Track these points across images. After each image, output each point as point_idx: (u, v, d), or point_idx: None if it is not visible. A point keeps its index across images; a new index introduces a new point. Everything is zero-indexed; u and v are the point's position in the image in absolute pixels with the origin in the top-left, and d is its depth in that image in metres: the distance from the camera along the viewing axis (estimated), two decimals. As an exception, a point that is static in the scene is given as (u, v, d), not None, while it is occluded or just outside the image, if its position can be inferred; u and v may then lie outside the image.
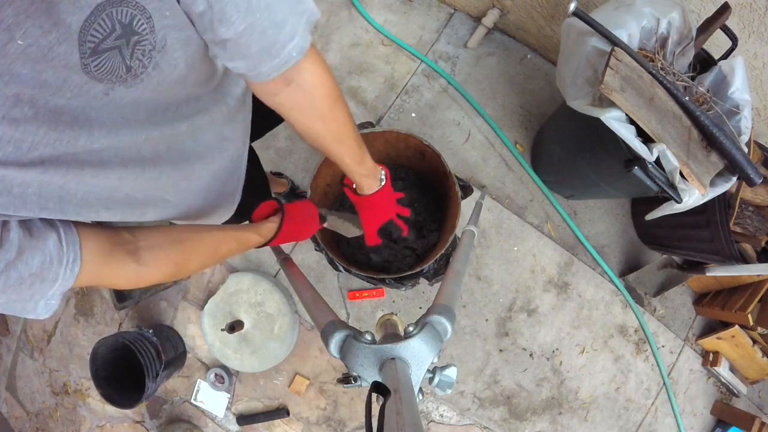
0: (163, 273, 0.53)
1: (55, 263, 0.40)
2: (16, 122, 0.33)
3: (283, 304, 1.42)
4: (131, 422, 1.60)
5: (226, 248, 0.62)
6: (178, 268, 0.55)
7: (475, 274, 1.54)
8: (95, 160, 0.42)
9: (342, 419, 1.52)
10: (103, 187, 0.44)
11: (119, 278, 0.49)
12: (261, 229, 0.69)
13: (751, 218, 1.22)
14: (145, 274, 0.51)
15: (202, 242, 0.58)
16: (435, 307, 0.49)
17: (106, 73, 0.36)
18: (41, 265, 0.39)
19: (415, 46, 1.60)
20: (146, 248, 0.51)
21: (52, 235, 0.41)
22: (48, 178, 0.38)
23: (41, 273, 0.39)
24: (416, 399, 0.39)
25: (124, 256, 0.48)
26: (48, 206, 0.39)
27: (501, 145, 1.58)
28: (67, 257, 0.41)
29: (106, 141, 0.41)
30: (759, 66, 1.12)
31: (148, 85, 0.40)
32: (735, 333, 1.48)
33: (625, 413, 1.59)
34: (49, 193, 0.39)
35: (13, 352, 1.71)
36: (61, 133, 0.37)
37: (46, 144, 0.36)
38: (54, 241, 0.40)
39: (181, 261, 0.55)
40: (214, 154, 0.62)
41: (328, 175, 1.20)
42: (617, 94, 0.86)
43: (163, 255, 0.53)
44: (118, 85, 0.38)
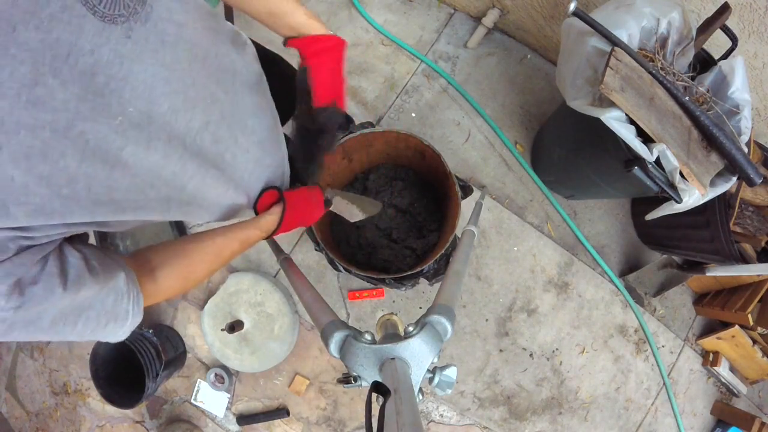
0: (174, 289, 0.55)
1: (125, 300, 0.44)
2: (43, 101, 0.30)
3: (283, 304, 1.42)
4: (131, 422, 1.60)
5: (229, 251, 0.62)
6: (186, 281, 0.56)
7: (475, 274, 1.54)
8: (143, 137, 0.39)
9: (342, 419, 1.52)
10: (146, 169, 0.41)
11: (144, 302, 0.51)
12: (261, 223, 0.67)
13: (751, 218, 1.22)
14: (159, 293, 0.52)
15: (204, 250, 0.58)
16: (435, 307, 0.49)
17: (112, 5, 0.33)
18: (113, 303, 0.42)
19: (415, 46, 1.60)
20: (158, 267, 0.52)
21: (121, 271, 0.44)
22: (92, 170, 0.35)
23: (113, 310, 0.43)
24: (416, 399, 0.39)
25: (146, 279, 0.50)
26: (100, 199, 0.37)
27: (501, 145, 1.58)
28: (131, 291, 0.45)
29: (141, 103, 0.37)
30: (759, 66, 1.12)
31: (161, 13, 0.38)
32: (735, 333, 1.48)
33: (625, 413, 1.59)
34: (98, 186, 0.37)
35: (13, 352, 1.71)
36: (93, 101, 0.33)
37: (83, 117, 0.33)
38: (121, 279, 0.43)
39: (187, 274, 0.56)
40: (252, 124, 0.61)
41: (328, 175, 1.20)
42: (617, 94, 0.86)
43: (172, 272, 0.54)
44: (134, 22, 0.35)
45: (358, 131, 1.09)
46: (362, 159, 1.29)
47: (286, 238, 1.53)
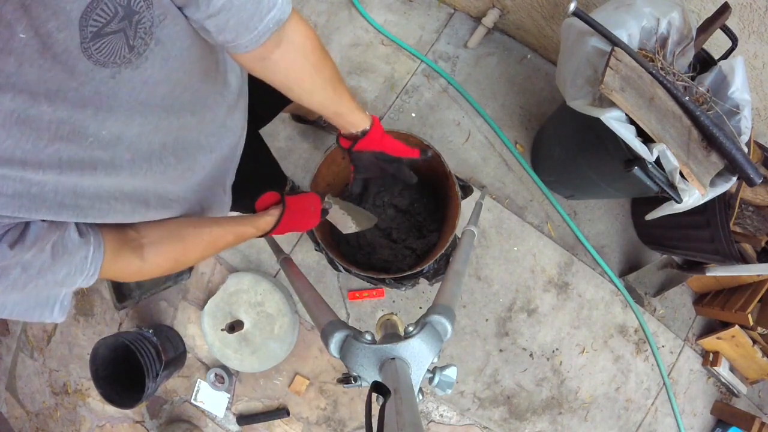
0: (163, 268, 0.56)
1: (77, 275, 0.44)
2: (32, 120, 0.34)
3: (283, 304, 1.42)
4: (131, 422, 1.60)
5: (224, 242, 0.64)
6: (176, 263, 0.57)
7: (475, 274, 1.54)
8: (107, 157, 0.43)
9: (342, 419, 1.52)
10: (113, 181, 0.46)
11: (122, 274, 0.52)
12: (258, 222, 0.70)
13: (751, 218, 1.22)
14: (145, 270, 0.53)
15: (200, 237, 0.60)
16: (435, 307, 0.49)
17: (109, 55, 0.36)
18: (65, 276, 0.43)
19: (415, 46, 1.60)
20: (149, 245, 0.53)
21: (83, 251, 0.44)
22: (64, 177, 0.39)
23: (63, 281, 0.43)
24: (416, 399, 0.39)
25: (130, 253, 0.51)
26: (65, 203, 0.41)
27: (501, 145, 1.58)
28: (88, 272, 0.45)
29: (117, 128, 0.42)
30: (759, 66, 1.12)
31: (154, 63, 0.41)
32: (735, 333, 1.48)
33: (625, 413, 1.59)
34: (65, 190, 0.40)
35: (13, 352, 1.71)
36: (74, 125, 0.37)
37: (61, 138, 0.37)
38: (81, 258, 0.44)
39: (180, 256, 0.58)
40: (214, 143, 0.64)
41: (328, 175, 1.20)
42: (617, 94, 0.86)
43: (164, 251, 0.55)
44: (125, 68, 0.38)
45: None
46: (362, 159, 1.29)
47: (286, 238, 1.53)
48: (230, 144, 0.70)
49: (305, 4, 1.61)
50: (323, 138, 1.56)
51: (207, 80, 0.55)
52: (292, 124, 1.55)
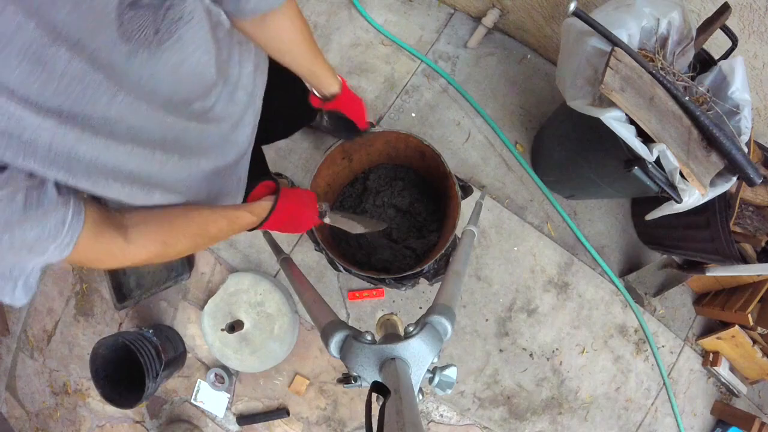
0: (150, 251, 0.52)
1: (49, 241, 0.40)
2: (47, 62, 0.33)
3: (283, 304, 1.42)
4: (131, 422, 1.60)
5: (216, 227, 0.62)
6: (165, 247, 0.54)
7: (475, 274, 1.54)
8: (107, 130, 0.41)
9: (342, 419, 1.52)
10: (111, 157, 0.43)
11: (106, 257, 0.48)
12: (254, 207, 0.69)
13: (751, 218, 1.22)
14: (131, 253, 0.50)
15: (191, 221, 0.58)
16: (435, 307, 0.49)
17: (136, 30, 0.37)
18: (35, 239, 0.38)
19: (415, 46, 1.60)
20: (134, 225, 0.50)
21: (61, 213, 0.40)
22: (62, 131, 0.37)
23: (32, 245, 0.39)
24: (416, 399, 0.39)
25: (113, 231, 0.47)
26: (57, 161, 0.38)
27: (501, 145, 1.58)
28: (63, 239, 0.41)
29: (125, 110, 0.41)
30: (759, 66, 1.12)
31: (168, 59, 0.42)
32: (735, 333, 1.48)
33: (625, 413, 1.59)
34: (60, 148, 0.38)
35: (13, 352, 1.71)
36: (85, 87, 0.36)
37: (68, 93, 0.35)
38: (57, 221, 0.40)
39: (168, 239, 0.54)
40: (216, 154, 0.63)
41: (328, 175, 1.20)
42: (617, 94, 0.86)
43: (151, 233, 0.52)
44: (143, 50, 0.39)
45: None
46: (362, 159, 1.29)
47: (286, 237, 1.53)
48: (234, 156, 0.70)
49: (305, 4, 1.61)
50: (323, 138, 1.56)
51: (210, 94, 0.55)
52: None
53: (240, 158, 0.73)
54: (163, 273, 1.51)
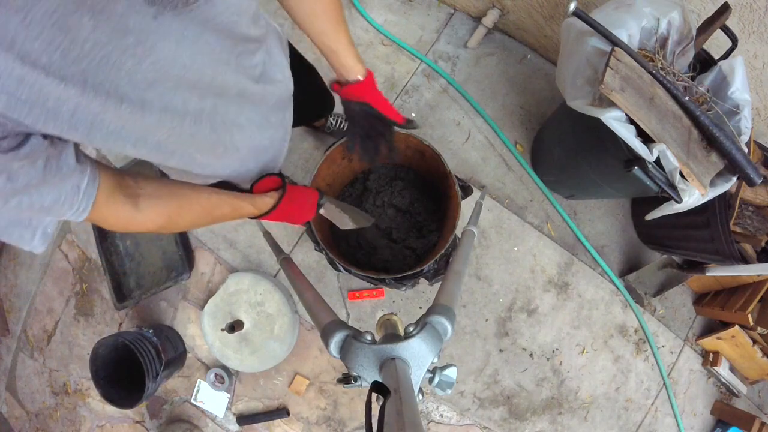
0: (155, 223, 0.54)
1: (66, 206, 0.41)
2: (69, 29, 0.32)
3: (283, 304, 1.42)
4: (131, 422, 1.60)
5: (220, 212, 0.64)
6: (170, 221, 0.56)
7: (475, 274, 1.54)
8: (136, 97, 0.41)
9: (342, 419, 1.52)
10: (138, 127, 0.44)
11: (113, 220, 0.50)
12: (257, 201, 0.70)
13: (751, 218, 1.22)
14: (138, 221, 0.52)
15: (198, 201, 0.60)
16: (435, 307, 0.49)
17: None
18: (53, 202, 0.40)
19: (415, 46, 1.60)
20: (145, 196, 0.52)
21: (77, 179, 0.42)
22: (86, 101, 0.37)
23: (50, 208, 0.40)
24: (416, 399, 0.39)
25: (124, 199, 0.49)
26: (78, 128, 0.38)
27: (501, 145, 1.58)
28: (79, 205, 0.43)
29: (151, 74, 0.40)
30: (759, 66, 1.12)
31: (197, 17, 0.41)
32: (735, 333, 1.48)
33: (625, 413, 1.59)
34: (83, 116, 0.38)
35: (13, 352, 1.71)
36: (110, 53, 0.36)
37: (92, 59, 0.35)
38: (73, 186, 0.41)
39: (174, 215, 0.56)
40: (254, 130, 0.64)
41: (328, 175, 1.20)
42: (617, 94, 0.86)
43: (160, 205, 0.54)
44: (169, 11, 0.38)
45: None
46: (362, 159, 1.29)
47: (286, 237, 1.53)
48: (272, 137, 0.70)
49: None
50: (323, 138, 1.56)
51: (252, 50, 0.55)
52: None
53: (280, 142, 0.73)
54: (163, 273, 1.51)
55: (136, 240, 1.57)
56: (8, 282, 1.75)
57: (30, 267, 1.71)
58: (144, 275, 1.54)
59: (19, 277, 1.73)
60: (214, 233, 1.55)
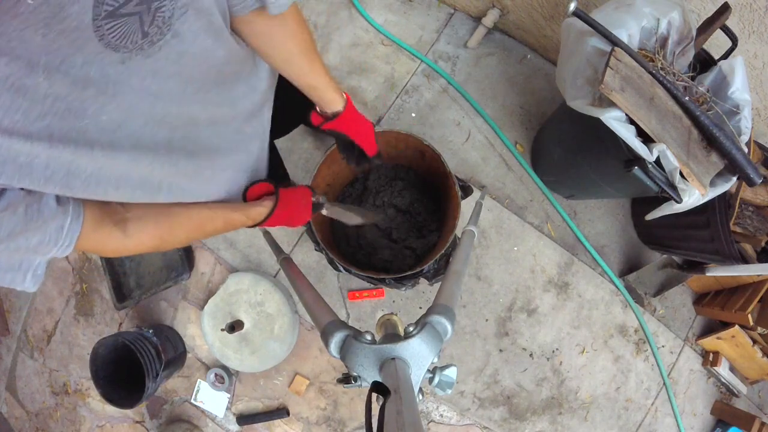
0: (147, 245, 0.54)
1: (51, 245, 0.42)
2: (26, 90, 0.33)
3: (283, 304, 1.42)
4: (131, 422, 1.60)
5: (212, 226, 0.63)
6: (161, 242, 0.56)
7: (475, 274, 1.54)
8: (105, 140, 0.41)
9: (342, 419, 1.52)
10: (115, 167, 0.44)
11: (102, 247, 0.50)
12: (250, 211, 0.69)
13: (751, 218, 1.22)
14: (127, 246, 0.52)
15: (188, 218, 0.59)
16: (435, 307, 0.49)
17: (121, 38, 0.36)
18: (38, 244, 0.41)
19: (415, 46, 1.60)
20: (133, 219, 0.52)
21: (59, 220, 0.42)
22: (57, 153, 0.37)
23: (36, 249, 0.41)
24: (416, 399, 0.39)
25: (111, 227, 0.49)
26: (54, 178, 0.39)
27: (501, 145, 1.58)
28: (63, 242, 0.43)
29: (118, 115, 0.41)
30: (759, 66, 1.12)
31: (168, 54, 0.41)
32: (735, 333, 1.48)
33: (625, 413, 1.59)
34: (58, 166, 0.38)
35: (13, 352, 1.71)
36: (71, 104, 0.36)
37: (54, 113, 0.35)
38: (57, 227, 0.42)
39: (165, 235, 0.56)
40: (232, 148, 0.63)
41: (328, 175, 1.20)
42: (617, 94, 0.86)
43: (149, 228, 0.54)
44: (136, 54, 0.38)
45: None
46: (362, 159, 1.29)
47: (286, 237, 1.53)
48: (248, 149, 0.70)
49: (305, 4, 1.61)
50: (323, 138, 1.56)
51: (224, 85, 0.55)
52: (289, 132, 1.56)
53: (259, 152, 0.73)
54: (163, 273, 1.51)
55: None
56: (8, 282, 1.75)
57: (30, 267, 1.71)
58: (144, 275, 1.54)
59: (19, 277, 1.73)
60: (214, 233, 1.55)
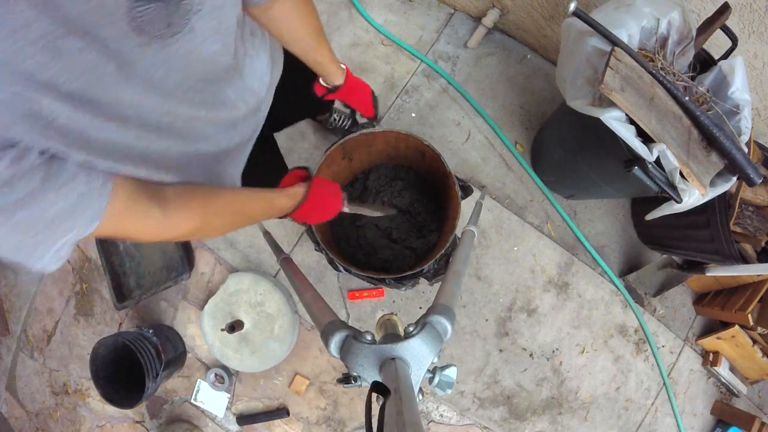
0: (188, 226, 0.52)
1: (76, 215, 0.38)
2: (62, 51, 0.34)
3: (283, 304, 1.42)
4: (131, 422, 1.60)
5: (253, 207, 0.65)
6: (203, 223, 0.54)
7: (475, 274, 1.54)
8: (118, 114, 0.42)
9: (342, 419, 1.52)
10: (122, 141, 0.44)
11: (142, 228, 0.47)
12: (289, 191, 0.73)
13: (751, 218, 1.22)
14: (169, 225, 0.49)
15: (229, 198, 0.60)
16: (435, 307, 0.49)
17: (148, 23, 0.37)
18: (59, 213, 0.37)
19: (415, 46, 1.60)
20: (173, 197, 0.50)
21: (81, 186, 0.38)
22: (78, 116, 0.38)
23: (56, 220, 0.37)
24: (416, 399, 0.39)
25: (148, 203, 0.46)
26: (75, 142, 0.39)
27: (501, 145, 1.58)
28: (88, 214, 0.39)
29: (135, 97, 0.42)
30: (759, 66, 1.12)
31: (180, 48, 0.43)
32: (735, 333, 1.48)
33: (625, 413, 1.59)
34: (74, 131, 0.38)
35: (13, 352, 1.71)
36: (99, 76, 0.37)
37: (83, 79, 0.36)
38: (79, 193, 0.38)
39: (206, 215, 0.55)
40: (221, 139, 0.64)
41: (328, 174, 1.20)
42: (617, 94, 0.86)
43: (190, 206, 0.52)
44: (155, 41, 0.39)
45: (359, 131, 1.09)
46: (362, 159, 1.29)
47: (286, 238, 1.53)
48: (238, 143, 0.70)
49: (305, 4, 1.61)
50: (323, 138, 1.56)
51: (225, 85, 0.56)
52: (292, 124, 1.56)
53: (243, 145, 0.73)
54: (163, 273, 1.51)
55: (136, 240, 1.57)
56: (8, 282, 1.75)
57: (30, 267, 1.71)
58: (144, 275, 1.54)
59: (19, 277, 1.73)
60: (214, 233, 1.55)
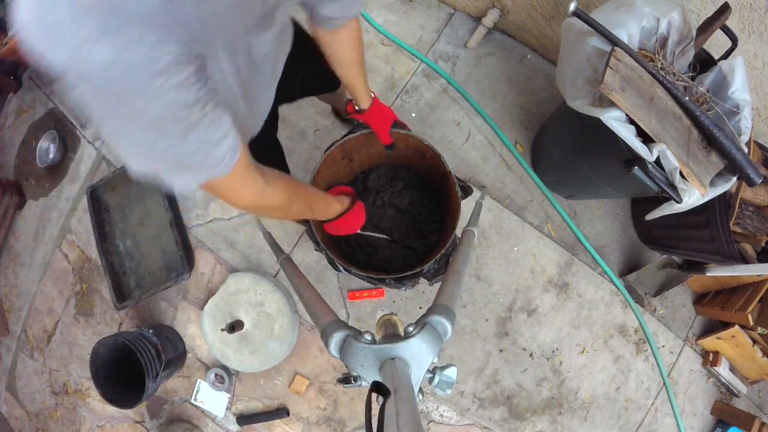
0: (279, 199, 0.62)
1: (225, 146, 0.46)
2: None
3: (283, 304, 1.42)
4: (131, 422, 1.60)
5: (317, 204, 0.79)
6: (289, 201, 0.64)
7: (475, 274, 1.54)
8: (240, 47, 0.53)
9: (342, 419, 1.52)
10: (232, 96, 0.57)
11: (248, 190, 0.56)
12: (341, 199, 0.90)
13: (751, 218, 1.22)
14: (268, 194, 0.58)
15: (306, 187, 0.74)
16: (435, 307, 0.49)
17: (263, 15, 0.52)
18: (222, 137, 0.45)
19: (415, 46, 1.60)
20: (270, 174, 0.60)
21: (233, 137, 0.47)
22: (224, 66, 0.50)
23: (218, 142, 0.45)
24: (416, 399, 0.39)
25: (255, 172, 0.56)
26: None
27: (501, 145, 1.58)
28: (230, 151, 0.47)
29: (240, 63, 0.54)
30: (759, 66, 1.12)
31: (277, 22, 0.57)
32: (735, 333, 1.48)
33: (625, 413, 1.59)
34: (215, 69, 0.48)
35: (13, 352, 1.71)
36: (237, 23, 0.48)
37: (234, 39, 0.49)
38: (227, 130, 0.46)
39: (292, 194, 0.65)
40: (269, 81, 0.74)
41: (328, 174, 1.20)
42: (617, 94, 0.86)
43: (282, 183, 0.63)
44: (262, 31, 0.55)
45: (359, 131, 1.09)
46: (362, 159, 1.29)
47: (286, 238, 1.53)
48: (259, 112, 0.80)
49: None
50: (323, 138, 1.56)
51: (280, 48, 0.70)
52: (292, 124, 1.56)
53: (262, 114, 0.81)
54: (163, 273, 1.52)
55: (136, 240, 1.57)
56: (8, 282, 1.75)
57: (30, 267, 1.71)
58: (144, 275, 1.54)
59: (19, 277, 1.73)
60: (214, 233, 1.55)
